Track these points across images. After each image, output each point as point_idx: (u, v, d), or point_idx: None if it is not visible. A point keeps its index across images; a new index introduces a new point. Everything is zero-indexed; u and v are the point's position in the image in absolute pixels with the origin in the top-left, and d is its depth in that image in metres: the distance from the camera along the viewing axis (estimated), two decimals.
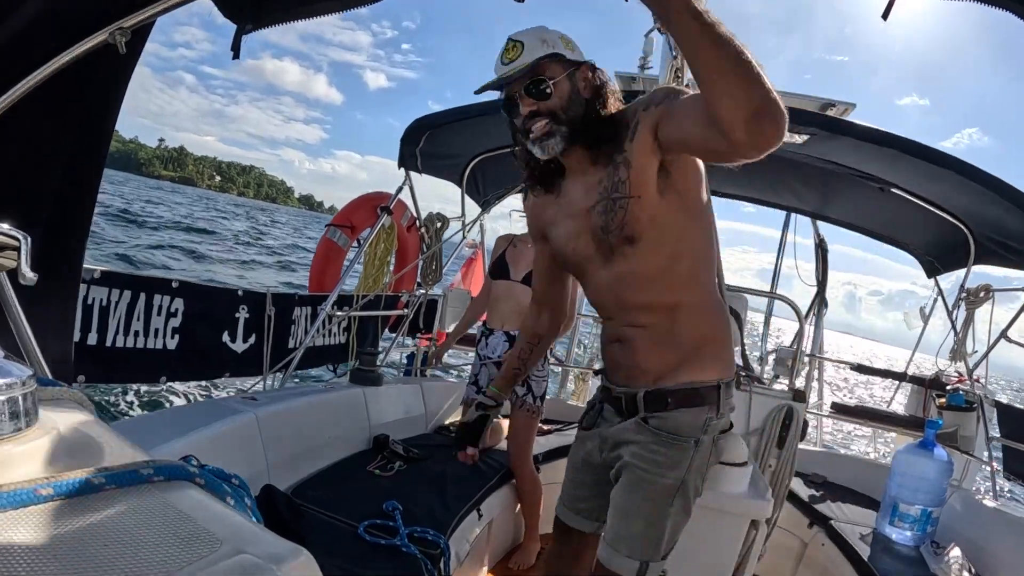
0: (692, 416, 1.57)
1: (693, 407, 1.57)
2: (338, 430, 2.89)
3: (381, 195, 4.64)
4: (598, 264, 1.60)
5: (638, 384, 1.62)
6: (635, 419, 1.61)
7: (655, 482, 1.56)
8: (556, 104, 1.49)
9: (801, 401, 3.01)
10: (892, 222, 3.94)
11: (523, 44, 1.47)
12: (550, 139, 1.50)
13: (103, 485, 0.59)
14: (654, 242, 1.51)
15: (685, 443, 1.56)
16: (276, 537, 0.58)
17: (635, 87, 5.21)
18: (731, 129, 1.16)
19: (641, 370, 1.61)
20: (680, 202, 1.51)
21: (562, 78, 1.49)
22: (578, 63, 1.52)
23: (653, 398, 1.59)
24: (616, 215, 1.50)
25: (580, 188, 1.59)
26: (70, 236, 1.35)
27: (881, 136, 2.79)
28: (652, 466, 1.56)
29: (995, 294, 3.77)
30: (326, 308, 3.50)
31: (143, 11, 1.21)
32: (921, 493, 2.73)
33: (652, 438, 1.58)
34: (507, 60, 1.48)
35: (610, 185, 1.50)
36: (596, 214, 1.54)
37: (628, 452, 1.61)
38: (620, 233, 1.51)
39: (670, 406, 1.57)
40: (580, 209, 1.59)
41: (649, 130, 1.44)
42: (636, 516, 1.57)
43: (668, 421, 1.57)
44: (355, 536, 2.13)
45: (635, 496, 1.58)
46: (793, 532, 3.21)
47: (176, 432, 1.98)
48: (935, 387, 4.28)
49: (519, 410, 3.06)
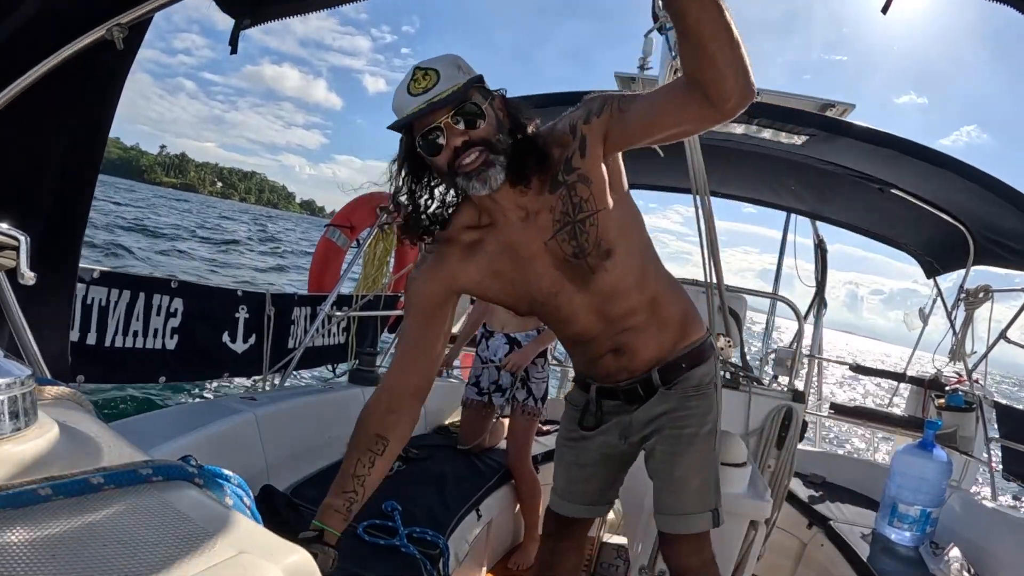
0: (706, 367, 1.69)
1: (703, 362, 1.69)
2: (337, 430, 2.88)
3: (380, 195, 4.63)
4: (571, 292, 1.53)
5: (640, 367, 1.67)
6: (656, 394, 1.67)
7: (697, 433, 1.65)
8: (489, 131, 1.34)
9: (800, 402, 3.01)
10: (891, 222, 3.94)
11: (438, 72, 1.32)
12: (489, 169, 1.33)
13: (102, 485, 0.59)
14: (625, 248, 1.49)
15: (708, 390, 1.68)
16: (275, 537, 0.58)
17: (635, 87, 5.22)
18: (728, 98, 1.20)
19: (644, 361, 1.66)
20: (622, 201, 1.50)
21: (486, 104, 1.36)
22: (492, 92, 1.41)
23: (667, 370, 1.65)
24: (588, 235, 1.43)
25: (522, 227, 1.46)
26: (67, 235, 1.35)
27: (880, 137, 2.80)
28: (691, 420, 1.65)
29: (994, 294, 3.78)
30: (325, 308, 3.49)
31: (140, 7, 1.21)
32: (920, 493, 2.73)
33: (681, 399, 1.66)
34: (420, 90, 1.31)
35: (569, 208, 1.42)
36: (561, 243, 1.45)
37: (661, 424, 1.67)
38: (597, 251, 1.45)
39: (685, 369, 1.66)
40: (534, 248, 1.48)
41: (599, 141, 1.40)
42: (692, 474, 1.66)
43: (691, 379, 1.67)
44: (354, 536, 2.13)
45: (684, 458, 1.66)
46: (792, 532, 3.21)
47: (175, 432, 1.98)
48: (934, 388, 4.28)
49: (519, 413, 3.07)
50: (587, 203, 1.41)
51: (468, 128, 1.33)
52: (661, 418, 1.67)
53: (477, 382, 3.21)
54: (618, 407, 1.75)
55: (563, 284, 1.52)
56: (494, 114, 1.37)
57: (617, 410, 1.76)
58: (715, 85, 1.18)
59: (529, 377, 3.07)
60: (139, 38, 1.28)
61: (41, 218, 1.24)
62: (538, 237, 1.46)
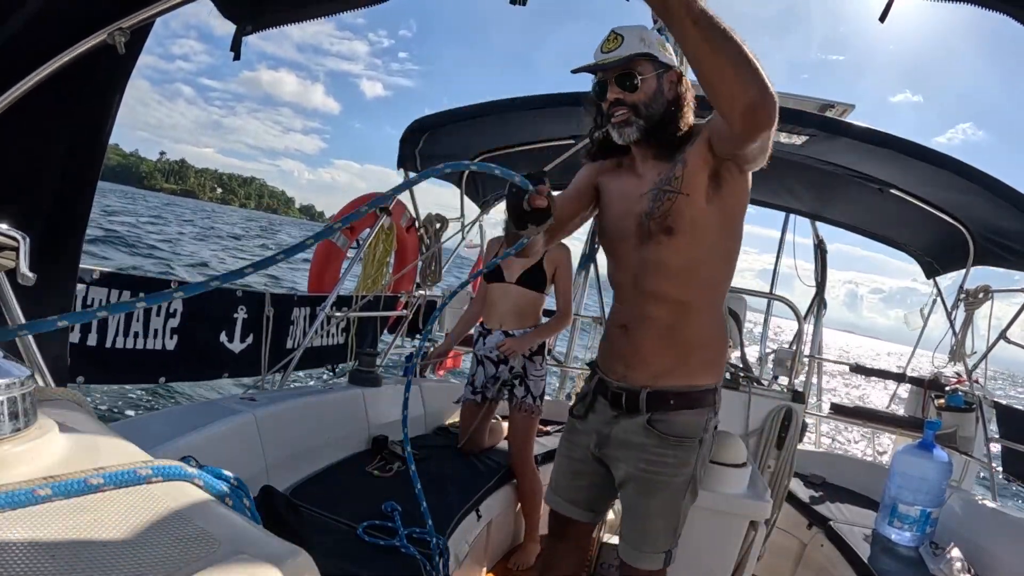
0: (695, 417, 1.67)
1: (694, 408, 1.67)
2: (337, 431, 2.89)
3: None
4: (631, 245, 1.69)
5: (637, 380, 1.70)
6: (642, 421, 1.68)
7: (668, 483, 1.67)
8: (640, 99, 1.61)
9: (800, 402, 3.01)
10: (891, 223, 3.94)
11: (623, 37, 1.58)
12: (627, 127, 1.62)
13: (101, 485, 0.59)
14: (687, 240, 1.61)
15: (691, 443, 1.67)
16: (275, 538, 0.58)
17: None
18: (731, 122, 1.35)
19: (641, 362, 1.69)
20: (721, 216, 1.61)
21: (650, 76, 1.61)
22: (668, 67, 1.63)
23: (655, 398, 1.67)
24: (662, 204, 1.60)
25: (640, 175, 1.70)
26: (67, 236, 1.35)
27: (879, 137, 2.80)
28: (664, 468, 1.67)
29: (994, 294, 3.78)
30: (325, 309, 3.49)
31: (142, 11, 1.21)
32: (920, 494, 2.73)
33: (659, 442, 1.66)
34: (606, 49, 1.60)
35: (665, 178, 1.62)
36: (646, 200, 1.65)
37: (635, 458, 1.69)
38: (661, 222, 1.61)
39: (672, 407, 1.66)
40: (634, 193, 1.70)
41: (704, 139, 1.57)
42: (655, 516, 1.70)
43: (674, 424, 1.66)
44: (354, 537, 2.13)
45: (651, 499, 1.69)
46: (792, 533, 3.21)
47: (175, 432, 1.98)
48: (934, 388, 4.28)
49: (518, 411, 3.07)
50: (675, 181, 1.59)
51: (623, 90, 1.61)
52: (636, 452, 1.69)
53: (472, 382, 3.22)
54: (604, 409, 1.79)
55: (630, 233, 1.69)
56: (655, 85, 1.61)
57: (603, 412, 1.80)
58: (718, 107, 1.36)
59: (527, 375, 3.07)
60: (140, 42, 1.28)
61: (41, 219, 1.24)
62: (640, 188, 1.69)
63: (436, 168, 1.27)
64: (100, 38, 1.16)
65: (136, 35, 1.23)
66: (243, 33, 1.54)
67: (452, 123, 3.42)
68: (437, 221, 4.15)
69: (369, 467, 2.75)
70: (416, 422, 3.53)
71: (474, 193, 4.30)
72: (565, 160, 2.69)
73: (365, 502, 2.37)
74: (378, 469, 2.75)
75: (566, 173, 3.76)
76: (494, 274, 3.13)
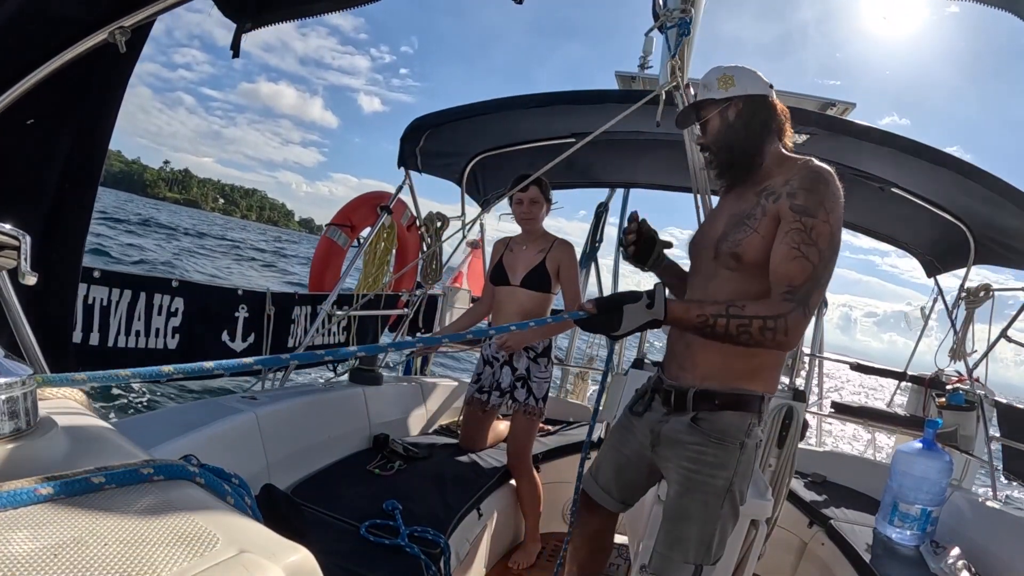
0: (738, 419, 1.72)
1: (738, 410, 1.72)
2: (338, 429, 2.89)
3: (381, 194, 4.63)
4: (705, 260, 1.80)
5: (687, 380, 1.78)
6: (686, 418, 1.76)
7: (706, 483, 1.71)
8: (709, 139, 1.81)
9: (801, 400, 3.00)
10: (892, 221, 3.94)
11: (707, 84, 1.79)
12: (709, 167, 1.85)
13: (103, 484, 0.59)
14: (750, 273, 1.68)
15: (732, 444, 1.71)
16: (276, 536, 0.58)
17: (635, 86, 5.22)
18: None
19: (692, 363, 1.77)
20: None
21: (713, 116, 1.78)
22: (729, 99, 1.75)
23: (702, 396, 1.74)
24: (737, 234, 1.69)
25: (736, 199, 1.81)
26: (69, 235, 1.35)
27: (881, 136, 2.80)
28: (703, 467, 1.71)
29: (995, 293, 3.77)
30: (326, 307, 3.49)
31: (143, 10, 1.21)
32: (921, 493, 2.73)
33: (701, 439, 1.72)
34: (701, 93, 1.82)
35: (748, 211, 1.71)
36: (729, 223, 1.75)
37: (679, 456, 1.76)
38: (732, 249, 1.69)
39: (717, 406, 1.72)
40: (720, 213, 1.85)
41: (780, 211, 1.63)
42: (690, 519, 1.71)
43: (716, 422, 1.72)
44: (355, 535, 2.13)
45: (687, 499, 1.73)
46: (793, 531, 3.21)
47: (176, 431, 1.98)
48: (935, 386, 4.28)
49: (520, 414, 3.05)
50: (753, 220, 1.67)
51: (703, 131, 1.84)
52: (683, 448, 1.75)
53: (479, 380, 3.21)
54: (659, 407, 1.87)
55: (709, 244, 1.79)
56: (719, 122, 1.77)
57: (658, 410, 1.87)
58: None
59: (530, 376, 3.05)
60: (141, 42, 1.28)
61: (43, 218, 1.25)
62: (729, 210, 1.80)
63: None
64: (101, 37, 1.16)
65: (137, 34, 1.23)
66: (243, 31, 1.54)
67: (453, 121, 3.42)
68: (438, 220, 4.15)
69: (370, 466, 2.76)
70: (416, 421, 3.53)
71: (475, 191, 4.29)
72: (565, 159, 2.68)
73: (366, 500, 2.37)
74: (379, 467, 2.75)
75: (567, 172, 3.77)
76: (499, 277, 3.11)
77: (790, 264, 1.55)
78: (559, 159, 2.69)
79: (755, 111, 1.75)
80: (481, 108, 3.31)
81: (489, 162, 3.96)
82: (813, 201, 1.57)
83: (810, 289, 1.53)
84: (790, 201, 1.60)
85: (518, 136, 3.69)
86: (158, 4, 1.21)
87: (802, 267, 1.53)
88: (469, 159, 3.96)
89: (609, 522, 2.09)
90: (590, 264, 5.52)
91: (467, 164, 3.99)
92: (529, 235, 3.11)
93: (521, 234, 3.14)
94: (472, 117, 3.35)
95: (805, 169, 1.64)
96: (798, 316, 1.51)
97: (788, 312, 1.51)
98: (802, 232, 1.55)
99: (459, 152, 3.92)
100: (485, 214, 4.31)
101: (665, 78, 2.44)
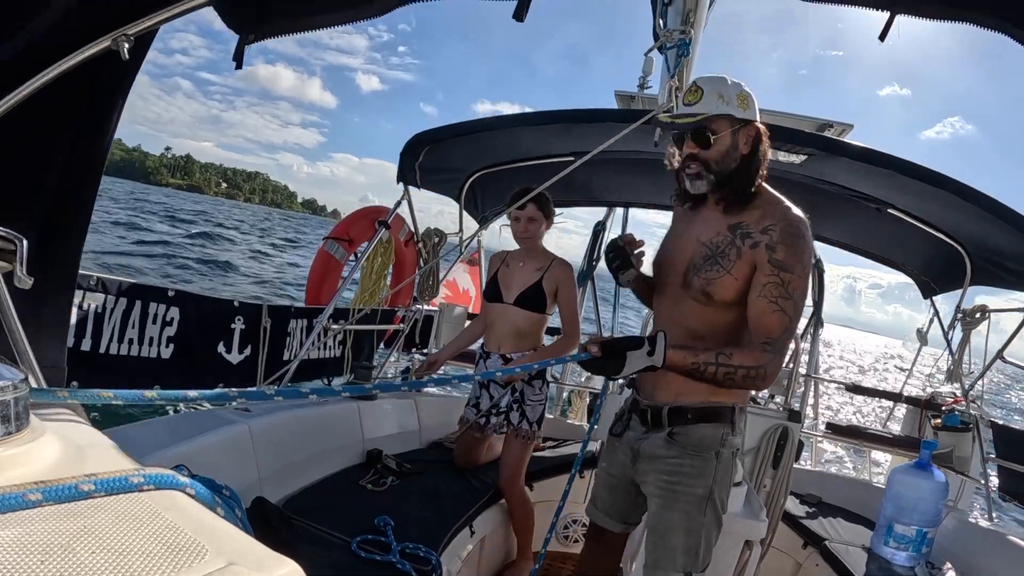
0: (711, 430, 1.79)
1: (710, 422, 1.79)
2: (331, 443, 2.87)
3: (379, 209, 4.65)
4: (674, 285, 1.84)
5: (662, 399, 1.84)
6: (663, 434, 1.82)
7: (686, 492, 1.78)
8: (712, 156, 1.73)
9: (796, 421, 3.00)
10: (888, 243, 3.96)
11: (703, 91, 1.71)
12: (698, 180, 1.76)
13: (92, 492, 0.59)
14: (721, 311, 1.75)
15: (707, 455, 1.78)
16: (266, 549, 0.58)
17: (634, 106, 5.26)
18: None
19: (667, 382, 1.81)
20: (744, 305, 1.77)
21: (725, 134, 1.72)
22: (746, 121, 1.73)
23: (675, 412, 1.81)
24: (709, 272, 1.74)
25: (705, 223, 1.82)
26: (66, 241, 1.35)
27: (878, 157, 2.82)
28: (681, 478, 1.78)
29: (991, 314, 3.79)
30: (322, 321, 3.48)
31: (147, 18, 1.22)
32: (916, 514, 2.72)
33: (678, 452, 1.80)
34: (686, 101, 1.74)
35: (722, 248, 1.74)
36: (699, 253, 1.78)
37: (658, 470, 1.82)
38: (702, 285, 1.74)
39: (690, 420, 1.79)
40: (694, 235, 1.83)
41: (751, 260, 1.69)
42: (674, 530, 1.78)
43: (691, 435, 1.79)
44: (346, 550, 2.12)
45: (670, 511, 1.79)
46: (788, 552, 3.19)
47: (168, 441, 1.97)
48: (931, 408, 4.28)
49: (512, 437, 3.00)
50: (726, 259, 1.72)
51: (698, 145, 1.73)
52: (660, 462, 1.82)
53: (477, 403, 3.16)
54: (637, 426, 1.93)
55: (677, 274, 1.82)
56: (730, 142, 1.72)
57: (636, 428, 1.93)
58: None
59: (524, 399, 3.00)
60: (144, 48, 1.29)
61: (40, 223, 1.24)
62: (701, 235, 1.81)
63: None
64: (104, 44, 1.17)
65: (140, 41, 1.23)
66: (246, 42, 1.55)
67: (452, 138, 3.44)
68: (435, 235, 4.16)
69: (363, 481, 2.73)
70: (411, 437, 3.51)
71: (473, 207, 4.31)
72: (563, 177, 2.69)
73: (358, 515, 2.35)
74: (371, 483, 2.73)
75: (565, 190, 3.78)
76: (493, 293, 3.06)
77: (770, 317, 1.66)
78: (557, 177, 2.70)
79: (760, 141, 1.76)
80: (481, 125, 3.32)
81: (488, 179, 3.98)
82: (791, 257, 1.66)
83: (786, 339, 1.67)
84: (769, 254, 1.67)
85: (517, 153, 3.71)
86: (162, 12, 1.22)
87: (780, 320, 1.65)
88: (468, 175, 3.97)
89: (617, 544, 2.12)
90: (587, 283, 5.52)
91: (466, 180, 4.00)
92: (527, 252, 3.05)
93: (519, 250, 3.09)
94: (471, 134, 3.36)
95: (784, 221, 1.69)
96: (776, 364, 1.65)
97: (768, 362, 1.64)
98: (780, 287, 1.65)
99: (458, 168, 3.93)
100: (483, 231, 4.32)
101: (664, 98, 2.47)
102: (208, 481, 0.71)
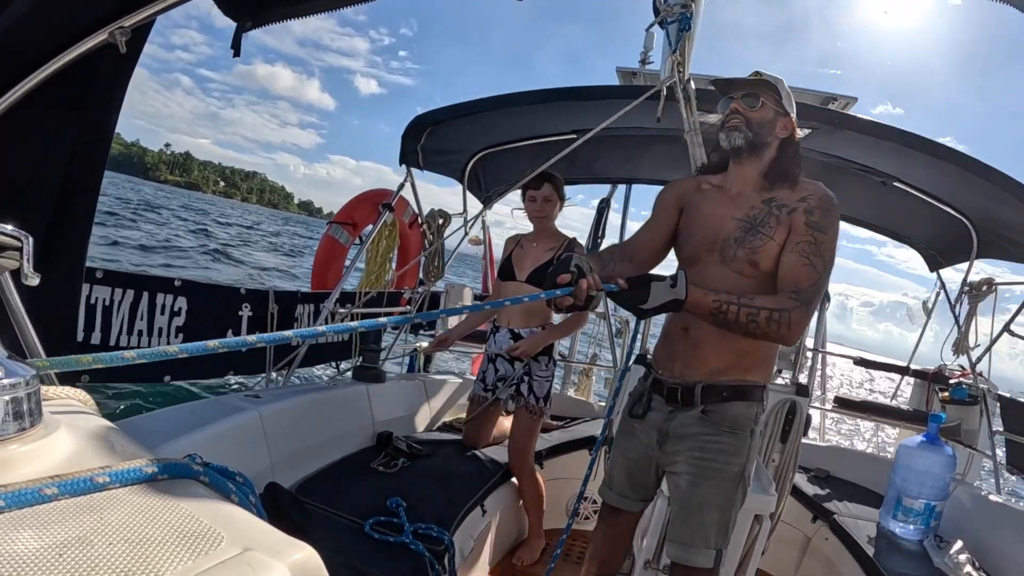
0: (744, 408, 1.80)
1: (744, 400, 1.80)
2: (341, 427, 2.89)
3: (383, 192, 4.64)
4: (714, 260, 1.84)
5: (693, 377, 1.83)
6: (695, 412, 1.82)
7: (723, 470, 1.78)
8: (755, 117, 1.80)
9: (804, 395, 3.00)
10: (894, 216, 3.93)
11: (761, 74, 1.82)
12: (736, 132, 1.80)
13: (107, 484, 0.59)
14: (764, 275, 1.76)
15: (743, 432, 1.80)
16: (281, 535, 0.59)
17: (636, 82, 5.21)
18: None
19: (699, 360, 1.82)
20: None
21: (771, 106, 1.81)
22: (787, 112, 1.83)
23: (709, 390, 1.81)
24: (752, 240, 1.77)
25: (732, 199, 1.86)
26: (72, 235, 1.35)
27: (883, 130, 2.79)
28: (718, 455, 1.78)
29: (997, 287, 3.77)
30: (328, 306, 3.49)
31: (143, 10, 1.21)
32: (924, 487, 2.73)
33: (714, 430, 1.79)
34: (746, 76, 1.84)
35: (759, 218, 1.78)
36: (737, 227, 1.80)
37: (690, 448, 1.81)
38: (747, 255, 1.77)
39: (724, 398, 1.80)
40: (726, 214, 1.84)
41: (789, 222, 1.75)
42: (709, 507, 1.78)
43: (726, 413, 1.79)
44: (360, 533, 2.14)
45: (705, 488, 1.79)
46: (797, 527, 3.21)
47: (180, 431, 1.99)
48: (938, 381, 4.27)
49: (521, 412, 3.05)
50: (767, 228, 1.76)
51: (746, 106, 1.81)
52: (693, 440, 1.81)
53: (483, 378, 3.20)
54: (661, 406, 1.91)
55: (714, 249, 1.83)
56: (771, 115, 1.81)
57: (660, 409, 1.91)
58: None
59: (532, 375, 3.05)
60: (142, 41, 1.28)
61: (45, 218, 1.25)
62: (734, 212, 1.83)
63: None
64: (101, 37, 1.16)
65: (137, 34, 1.23)
66: (243, 30, 1.54)
67: (454, 118, 3.42)
68: (440, 217, 4.15)
69: (374, 463, 2.76)
70: (419, 418, 3.53)
71: (476, 188, 4.29)
72: (566, 155, 2.68)
73: (370, 498, 2.37)
74: (382, 465, 2.76)
75: (568, 168, 3.76)
76: (507, 272, 3.11)
77: (800, 270, 1.69)
78: (561, 155, 2.69)
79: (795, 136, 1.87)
80: (482, 105, 3.30)
81: (491, 159, 3.96)
82: (826, 221, 1.74)
83: (813, 293, 1.67)
84: (807, 217, 1.74)
85: (520, 133, 3.69)
86: (158, 4, 1.21)
87: (809, 273, 1.68)
88: (471, 156, 3.95)
89: (631, 522, 2.13)
90: None
91: (469, 161, 3.98)
92: (540, 233, 3.09)
93: (533, 232, 3.13)
94: (473, 114, 3.35)
95: (822, 192, 1.79)
96: (801, 313, 1.64)
97: (792, 308, 1.63)
98: (812, 244, 1.70)
99: (460, 149, 3.91)
100: (487, 211, 4.31)
101: (666, 74, 2.44)
102: (221, 469, 0.72)
